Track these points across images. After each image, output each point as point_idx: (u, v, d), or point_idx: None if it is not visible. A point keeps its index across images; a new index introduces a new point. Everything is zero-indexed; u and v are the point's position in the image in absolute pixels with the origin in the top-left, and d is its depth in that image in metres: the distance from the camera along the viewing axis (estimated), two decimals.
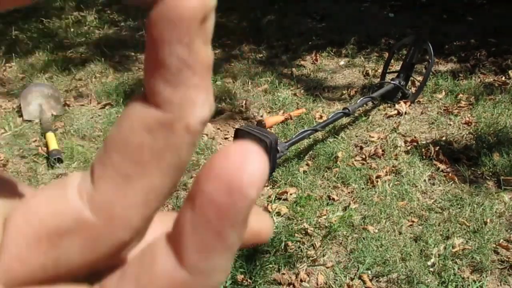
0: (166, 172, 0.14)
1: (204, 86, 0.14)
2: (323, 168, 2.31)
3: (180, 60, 0.13)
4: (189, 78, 0.14)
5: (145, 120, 0.14)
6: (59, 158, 2.40)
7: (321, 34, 3.87)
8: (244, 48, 3.71)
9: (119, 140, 0.14)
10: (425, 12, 4.17)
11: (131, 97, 0.15)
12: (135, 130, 0.14)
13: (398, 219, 2.00)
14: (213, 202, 0.13)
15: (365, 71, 3.26)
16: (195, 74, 0.14)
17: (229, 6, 4.42)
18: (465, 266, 1.77)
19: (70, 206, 0.14)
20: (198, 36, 0.14)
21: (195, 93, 0.14)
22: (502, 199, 2.07)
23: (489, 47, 3.40)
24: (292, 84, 3.15)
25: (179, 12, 0.13)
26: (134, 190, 0.14)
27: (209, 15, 0.14)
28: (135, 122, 0.14)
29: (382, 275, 1.76)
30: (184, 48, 0.13)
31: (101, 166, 0.14)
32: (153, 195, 0.14)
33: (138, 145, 0.14)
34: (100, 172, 0.14)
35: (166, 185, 0.14)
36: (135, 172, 0.14)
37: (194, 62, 0.14)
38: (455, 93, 2.88)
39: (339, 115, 2.37)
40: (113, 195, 0.14)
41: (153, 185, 0.14)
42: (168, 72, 0.14)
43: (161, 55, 0.13)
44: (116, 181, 0.14)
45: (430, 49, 2.64)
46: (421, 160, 2.34)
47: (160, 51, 0.13)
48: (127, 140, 0.14)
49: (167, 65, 0.14)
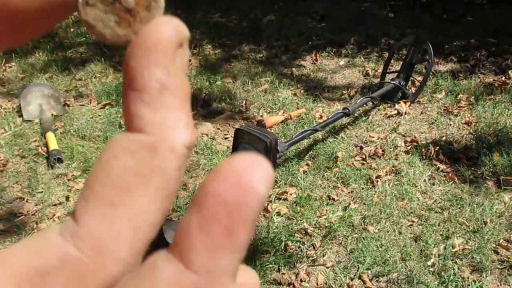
0: (153, 197, 0.13)
1: (185, 109, 0.14)
2: (323, 168, 2.31)
3: (160, 82, 0.14)
4: (170, 99, 0.14)
5: (128, 144, 0.13)
6: (59, 158, 2.40)
7: (321, 34, 3.87)
8: (244, 48, 3.71)
9: (101, 170, 0.13)
10: (425, 12, 4.17)
11: None
12: (117, 156, 0.13)
13: (398, 219, 2.00)
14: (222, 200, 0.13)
15: (365, 71, 3.26)
16: (175, 97, 0.14)
17: (229, 6, 4.42)
18: (465, 266, 1.77)
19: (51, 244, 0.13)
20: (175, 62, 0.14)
21: (177, 115, 0.14)
22: (502, 199, 2.07)
23: (489, 47, 3.40)
24: (292, 84, 3.15)
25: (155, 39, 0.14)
26: (121, 218, 0.13)
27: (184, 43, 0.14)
28: (117, 149, 0.13)
29: (382, 275, 1.76)
30: (163, 71, 0.14)
31: (83, 202, 0.13)
32: (142, 223, 0.13)
33: (121, 170, 0.13)
34: (83, 207, 0.13)
35: (154, 211, 0.14)
36: (120, 199, 0.13)
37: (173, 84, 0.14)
38: (455, 93, 2.88)
39: (339, 115, 2.37)
40: (98, 227, 0.13)
41: (141, 212, 0.13)
42: (149, 95, 0.14)
43: (141, 80, 0.14)
44: (101, 211, 0.13)
45: (430, 49, 2.64)
46: (421, 160, 2.34)
47: (139, 77, 0.14)
48: (109, 167, 0.13)
49: (147, 88, 0.14)
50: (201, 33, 3.96)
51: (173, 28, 0.14)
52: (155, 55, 0.14)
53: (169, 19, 0.15)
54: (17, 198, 2.21)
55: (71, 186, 2.26)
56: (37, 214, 2.11)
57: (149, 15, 0.16)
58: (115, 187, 0.13)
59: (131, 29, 0.15)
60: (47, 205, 2.16)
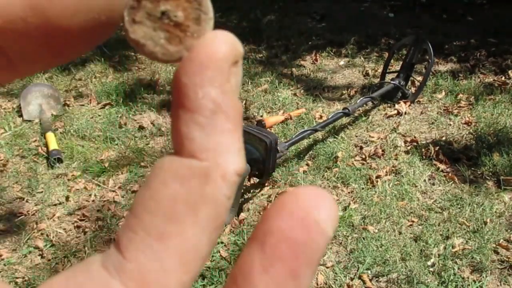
0: (203, 227, 0.13)
1: (238, 134, 0.13)
2: (323, 168, 2.31)
3: (214, 102, 0.13)
4: (223, 122, 0.13)
5: (178, 170, 0.13)
6: (59, 158, 2.40)
7: (321, 34, 3.87)
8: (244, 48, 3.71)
9: (149, 197, 0.13)
10: (425, 12, 4.17)
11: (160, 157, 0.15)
12: (167, 183, 0.13)
13: (398, 219, 2.00)
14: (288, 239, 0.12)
15: (365, 71, 3.26)
16: (228, 119, 0.13)
17: (229, 6, 4.42)
18: (465, 266, 1.77)
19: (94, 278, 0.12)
20: (229, 81, 0.13)
21: (230, 140, 0.13)
22: (502, 199, 2.07)
23: (489, 47, 3.40)
24: (292, 84, 3.15)
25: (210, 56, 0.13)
26: (170, 251, 0.12)
27: (239, 61, 0.14)
28: (167, 174, 0.13)
29: (382, 275, 1.76)
30: (217, 90, 0.13)
31: (129, 232, 0.13)
32: (191, 255, 0.13)
33: (171, 198, 0.12)
34: (128, 238, 0.12)
35: (204, 243, 0.13)
36: (169, 231, 0.12)
37: (227, 106, 0.13)
38: (455, 93, 2.88)
39: (339, 115, 2.37)
40: (146, 260, 0.12)
41: (190, 244, 0.12)
42: (202, 116, 0.13)
43: (194, 99, 0.13)
44: (149, 243, 0.12)
45: (430, 49, 2.64)
46: (421, 160, 2.34)
47: (192, 95, 0.13)
48: (158, 195, 0.13)
49: (200, 108, 0.13)
50: None
51: (228, 43, 0.14)
52: (210, 73, 0.13)
53: (223, 33, 0.14)
54: (17, 198, 2.21)
55: (71, 186, 2.26)
56: (37, 214, 2.11)
57: (200, 29, 0.15)
58: (163, 217, 0.12)
59: (182, 45, 0.15)
60: (47, 205, 2.16)
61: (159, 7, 0.15)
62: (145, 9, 0.15)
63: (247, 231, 1.96)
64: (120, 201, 2.17)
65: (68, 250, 1.91)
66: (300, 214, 0.12)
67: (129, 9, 0.15)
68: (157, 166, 0.13)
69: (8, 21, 0.13)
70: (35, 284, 1.77)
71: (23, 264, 1.87)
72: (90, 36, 0.14)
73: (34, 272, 1.83)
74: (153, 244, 0.12)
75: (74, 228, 2.04)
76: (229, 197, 0.13)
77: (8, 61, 0.14)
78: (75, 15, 0.13)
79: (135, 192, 2.21)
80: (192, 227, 0.13)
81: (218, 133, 0.13)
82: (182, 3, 0.15)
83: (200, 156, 0.13)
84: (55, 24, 0.13)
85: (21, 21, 0.13)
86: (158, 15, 0.15)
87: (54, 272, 1.83)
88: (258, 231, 0.13)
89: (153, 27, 0.15)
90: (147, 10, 0.15)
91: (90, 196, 2.21)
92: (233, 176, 0.13)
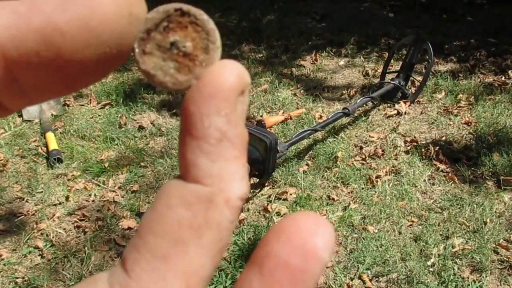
0: (207, 251, 0.13)
1: (242, 161, 0.14)
2: (323, 168, 2.31)
3: (220, 131, 0.13)
4: (228, 150, 0.14)
5: (183, 195, 0.13)
6: (59, 158, 2.40)
7: (321, 34, 3.87)
8: (244, 48, 3.71)
9: (155, 220, 0.13)
10: (425, 12, 4.17)
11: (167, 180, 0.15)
12: (172, 207, 0.13)
13: (398, 219, 2.00)
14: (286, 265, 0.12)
15: (365, 71, 3.26)
16: (234, 147, 0.14)
17: (229, 6, 4.42)
18: (465, 266, 1.77)
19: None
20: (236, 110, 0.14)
21: (234, 166, 0.14)
22: (502, 199, 2.07)
23: (489, 47, 3.40)
24: (292, 84, 3.15)
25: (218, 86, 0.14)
26: (174, 273, 0.13)
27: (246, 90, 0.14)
28: (173, 199, 0.13)
29: (382, 275, 1.76)
30: (224, 119, 0.13)
31: (135, 252, 0.13)
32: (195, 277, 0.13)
33: (176, 222, 0.13)
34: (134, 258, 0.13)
35: (207, 266, 0.13)
36: (174, 253, 0.13)
37: (233, 134, 0.14)
38: (455, 93, 2.88)
39: (339, 115, 2.37)
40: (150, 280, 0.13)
41: (194, 267, 0.13)
42: (207, 144, 0.13)
43: (200, 127, 0.13)
44: (153, 265, 0.13)
45: (430, 49, 2.64)
46: (421, 160, 2.34)
47: (199, 124, 0.13)
48: (164, 219, 0.13)
49: (206, 137, 0.13)
50: None
51: (236, 74, 0.14)
52: (216, 102, 0.14)
53: (231, 63, 0.15)
54: (17, 198, 2.21)
55: (71, 186, 2.26)
56: (37, 214, 2.11)
57: (208, 58, 0.15)
58: (169, 239, 0.13)
59: (191, 74, 0.15)
60: (47, 205, 2.16)
61: (168, 38, 0.15)
62: (154, 40, 0.15)
63: (247, 231, 1.96)
64: (120, 201, 2.17)
65: (68, 250, 1.91)
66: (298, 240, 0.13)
67: (139, 40, 0.15)
68: (163, 190, 0.14)
69: (22, 54, 0.13)
70: (35, 284, 1.77)
71: (23, 264, 1.87)
72: (102, 67, 0.15)
73: (34, 272, 1.83)
74: (158, 265, 0.13)
75: (74, 228, 2.04)
76: (232, 221, 0.14)
77: (20, 90, 0.14)
78: (87, 49, 0.14)
79: (135, 192, 2.21)
80: (196, 250, 0.13)
81: (223, 160, 0.14)
82: (190, 33, 0.15)
83: (205, 182, 0.13)
84: (67, 57, 0.14)
85: (35, 54, 0.13)
86: (168, 46, 0.15)
87: (54, 272, 1.83)
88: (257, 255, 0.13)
89: (163, 58, 0.15)
90: (157, 42, 0.15)
91: (90, 196, 2.21)
92: (236, 202, 0.14)
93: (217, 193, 0.13)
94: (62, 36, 0.13)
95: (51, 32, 0.13)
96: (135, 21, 0.14)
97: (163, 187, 0.14)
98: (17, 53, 0.13)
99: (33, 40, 0.13)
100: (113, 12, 0.14)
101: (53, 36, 0.13)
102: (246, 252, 1.83)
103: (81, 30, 0.13)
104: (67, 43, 0.13)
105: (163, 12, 0.16)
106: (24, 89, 0.14)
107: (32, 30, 0.13)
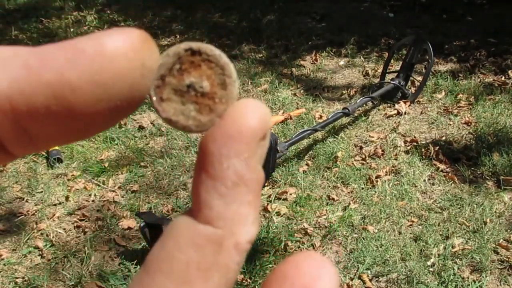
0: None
1: (256, 204, 0.14)
2: (323, 168, 2.31)
3: (238, 174, 0.13)
4: (243, 194, 0.13)
5: (193, 236, 0.13)
6: (59, 158, 2.40)
7: (321, 34, 3.87)
8: (244, 48, 3.71)
9: (163, 259, 0.13)
10: (425, 12, 4.17)
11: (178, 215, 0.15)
12: (182, 247, 0.13)
13: (398, 219, 2.00)
14: None
15: (365, 71, 3.26)
16: (249, 191, 0.14)
17: (229, 6, 4.42)
18: (465, 266, 1.77)
19: None
20: (256, 154, 0.14)
21: (248, 210, 0.14)
22: (502, 199, 2.07)
23: (489, 47, 3.40)
24: (292, 84, 3.15)
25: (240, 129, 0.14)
26: None
27: (268, 134, 0.14)
28: (182, 239, 0.13)
29: (382, 275, 1.76)
30: (242, 163, 0.13)
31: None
32: None
33: (184, 263, 0.13)
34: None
35: None
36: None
37: (250, 178, 0.14)
38: (455, 93, 2.88)
39: (339, 115, 2.37)
40: None
41: None
42: (223, 186, 0.13)
43: (218, 168, 0.13)
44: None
45: (430, 49, 2.64)
46: (421, 160, 2.34)
47: (217, 164, 0.13)
48: (172, 258, 0.13)
49: (223, 178, 0.13)
50: (201, 33, 3.97)
51: (259, 117, 0.14)
52: (237, 145, 0.13)
53: (255, 104, 0.15)
54: (17, 198, 2.21)
55: (71, 186, 2.26)
56: (37, 214, 2.11)
57: (227, 93, 0.15)
58: (176, 280, 0.13)
59: (213, 113, 0.15)
60: (47, 205, 2.16)
61: (184, 81, 0.15)
62: (170, 85, 0.15)
63: None
64: (120, 201, 2.17)
65: (68, 250, 1.91)
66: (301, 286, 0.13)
67: (155, 88, 0.15)
68: (173, 227, 0.14)
69: (32, 109, 0.13)
70: (35, 284, 1.77)
71: (23, 264, 1.87)
72: (112, 118, 0.14)
73: (34, 272, 1.83)
74: None
75: (74, 228, 2.04)
76: (239, 263, 0.14)
77: (29, 139, 0.14)
78: (98, 104, 0.14)
79: (135, 192, 2.21)
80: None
81: (237, 204, 0.13)
82: (205, 71, 0.15)
83: (216, 224, 0.13)
84: (77, 111, 0.14)
85: (45, 108, 0.13)
86: (184, 89, 0.15)
87: (54, 272, 1.83)
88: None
89: (182, 101, 0.15)
90: (173, 86, 0.15)
91: (90, 196, 2.21)
92: (245, 245, 0.14)
93: (227, 236, 0.13)
94: (73, 91, 0.13)
95: (62, 87, 0.13)
96: (148, 73, 0.14)
97: (173, 224, 0.14)
98: (26, 107, 0.13)
99: (43, 94, 0.13)
100: (125, 67, 0.14)
101: (63, 91, 0.13)
102: None
103: (92, 85, 0.13)
104: (78, 98, 0.13)
105: (174, 54, 0.15)
106: (32, 138, 0.14)
107: (43, 84, 0.13)
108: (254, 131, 0.14)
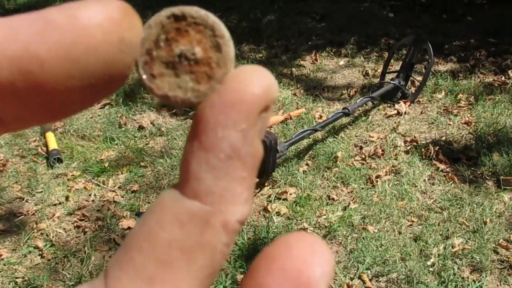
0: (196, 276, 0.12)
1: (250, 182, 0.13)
2: (322, 168, 2.31)
3: (232, 147, 0.12)
4: (237, 169, 0.12)
5: (178, 212, 0.12)
6: (59, 158, 2.40)
7: (321, 34, 3.87)
8: (244, 48, 3.71)
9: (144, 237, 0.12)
10: (425, 12, 4.17)
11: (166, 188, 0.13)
12: (164, 224, 0.12)
13: (398, 219, 2.00)
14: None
15: (365, 71, 3.26)
16: (244, 167, 0.12)
17: (229, 6, 4.42)
18: (465, 266, 1.77)
19: None
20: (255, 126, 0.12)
21: (240, 187, 0.12)
22: (502, 199, 2.07)
23: (489, 47, 3.40)
24: (292, 84, 3.15)
25: (241, 97, 0.12)
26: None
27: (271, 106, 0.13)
28: (166, 215, 0.12)
29: (381, 275, 1.76)
30: (239, 135, 0.12)
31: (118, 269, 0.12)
32: None
33: (166, 242, 0.12)
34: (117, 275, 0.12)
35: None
36: (160, 275, 0.12)
37: (246, 153, 0.12)
38: (455, 93, 2.88)
39: (338, 115, 2.37)
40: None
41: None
42: (216, 159, 0.12)
43: (212, 137, 0.12)
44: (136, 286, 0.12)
45: (430, 49, 2.64)
46: (421, 160, 2.34)
47: (211, 134, 0.12)
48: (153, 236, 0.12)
49: (216, 150, 0.12)
50: None
51: (264, 86, 0.13)
52: (235, 114, 0.12)
53: (261, 71, 0.13)
54: (17, 198, 2.21)
55: (71, 186, 2.26)
56: (37, 214, 2.11)
57: (223, 55, 0.14)
58: (156, 260, 0.12)
59: (213, 79, 0.13)
60: (46, 205, 2.16)
61: (173, 52, 0.14)
62: (159, 59, 0.14)
63: (246, 231, 1.96)
64: (120, 201, 2.17)
65: (68, 250, 1.91)
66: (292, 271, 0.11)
67: (144, 65, 0.14)
68: (157, 202, 0.13)
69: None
70: (35, 284, 1.77)
71: (23, 264, 1.87)
72: (89, 97, 0.13)
73: (34, 272, 1.83)
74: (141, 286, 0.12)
75: (74, 228, 2.04)
76: (228, 245, 0.13)
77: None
78: (69, 80, 0.12)
79: (135, 192, 2.21)
80: (184, 274, 0.12)
81: (229, 179, 0.12)
82: (194, 36, 0.14)
83: (204, 199, 0.12)
84: (47, 88, 0.12)
85: (10, 84, 0.12)
86: (176, 60, 0.14)
87: (54, 272, 1.83)
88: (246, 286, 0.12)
89: (175, 74, 0.14)
90: (163, 60, 0.14)
91: (90, 196, 2.21)
92: (235, 225, 0.13)
93: (215, 213, 0.12)
94: (41, 66, 0.12)
95: (28, 61, 0.12)
96: (127, 48, 0.13)
97: (158, 199, 0.13)
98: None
99: (8, 69, 0.12)
100: (100, 39, 0.12)
101: (30, 66, 0.12)
102: (246, 252, 1.83)
103: (62, 60, 0.12)
104: (46, 73, 0.12)
105: (156, 24, 0.14)
106: (1, 119, 0.13)
107: (7, 58, 0.12)
108: (256, 101, 0.12)
